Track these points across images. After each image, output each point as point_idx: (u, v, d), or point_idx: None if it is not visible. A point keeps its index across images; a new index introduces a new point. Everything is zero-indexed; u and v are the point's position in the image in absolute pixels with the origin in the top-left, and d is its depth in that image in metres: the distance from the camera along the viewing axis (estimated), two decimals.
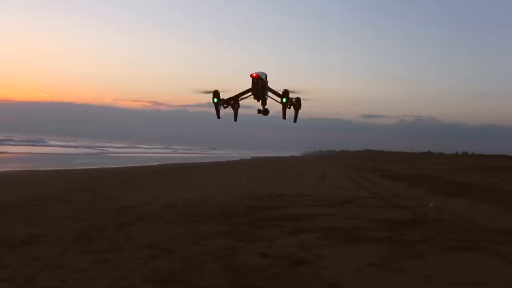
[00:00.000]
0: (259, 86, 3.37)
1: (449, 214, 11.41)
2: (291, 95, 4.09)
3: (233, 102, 3.78)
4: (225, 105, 3.74)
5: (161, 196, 13.74)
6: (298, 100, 4.06)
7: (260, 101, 3.82)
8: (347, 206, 12.63)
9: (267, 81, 3.45)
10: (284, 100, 3.30)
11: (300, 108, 4.23)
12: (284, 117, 3.46)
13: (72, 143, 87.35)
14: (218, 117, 3.35)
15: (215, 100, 3.26)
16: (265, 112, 3.41)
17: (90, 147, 77.57)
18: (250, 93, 3.57)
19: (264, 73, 3.47)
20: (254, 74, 3.32)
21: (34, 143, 76.93)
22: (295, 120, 4.06)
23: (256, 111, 5.20)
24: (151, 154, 66.12)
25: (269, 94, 3.45)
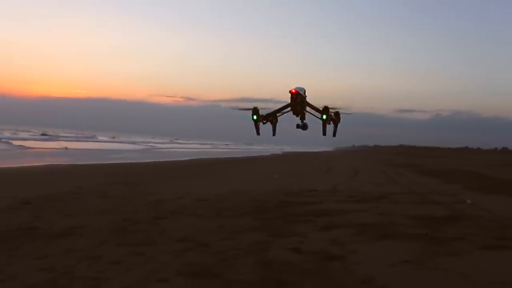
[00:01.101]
0: (298, 102, 3.39)
1: (486, 211, 11.09)
2: (330, 110, 4.08)
3: (272, 117, 3.80)
4: (264, 121, 3.76)
5: (194, 190, 13.92)
6: (337, 114, 4.01)
7: (299, 116, 3.83)
8: (381, 202, 12.45)
9: (306, 96, 3.45)
10: (324, 117, 3.30)
11: (339, 122, 4.18)
12: (324, 133, 3.45)
13: (117, 139, 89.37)
14: (258, 133, 3.38)
15: (255, 117, 3.31)
16: (304, 127, 3.41)
17: (135, 143, 79.31)
18: (289, 109, 3.58)
19: (303, 88, 3.47)
20: (293, 90, 3.35)
21: (86, 139, 79.11)
22: (334, 135, 4.01)
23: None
24: (189, 149, 67.17)
25: (308, 109, 3.45)
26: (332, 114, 3.64)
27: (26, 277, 5.04)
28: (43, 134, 75.85)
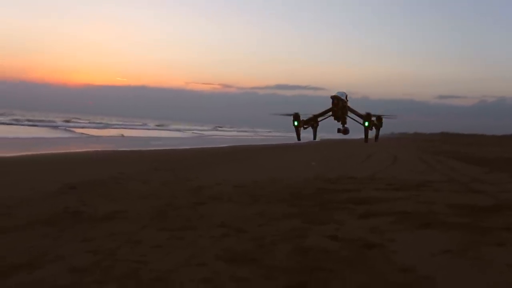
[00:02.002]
0: (339, 108, 3.37)
1: None
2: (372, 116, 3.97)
3: (313, 122, 3.79)
4: (305, 126, 3.75)
5: (231, 177, 14.06)
6: (379, 119, 3.91)
7: (340, 121, 3.78)
8: (421, 190, 12.19)
9: (347, 100, 3.40)
10: (367, 124, 3.25)
11: (381, 126, 4.08)
12: (366, 140, 3.41)
13: (166, 127, 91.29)
14: (299, 139, 3.40)
15: (296, 123, 3.34)
16: (345, 131, 3.39)
17: (182, 130, 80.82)
18: (330, 113, 3.55)
19: (344, 93, 3.43)
20: (334, 96, 3.34)
21: (138, 126, 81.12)
22: (376, 139, 3.93)
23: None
24: (231, 136, 67.95)
25: (349, 114, 3.40)
26: (374, 119, 3.55)
27: (72, 258, 5.26)
28: (99, 122, 78.12)
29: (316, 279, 4.79)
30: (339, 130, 3.33)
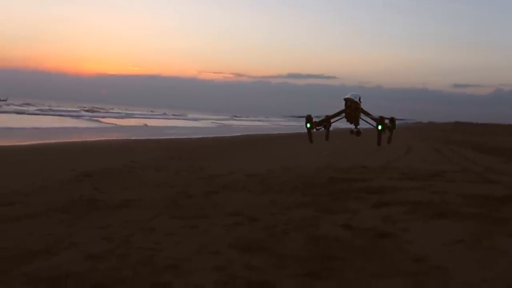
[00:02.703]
0: (352, 109, 3.32)
1: None
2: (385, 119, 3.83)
3: (326, 123, 3.73)
4: (317, 128, 3.72)
5: (244, 166, 14.10)
6: (392, 121, 3.81)
7: (353, 122, 3.70)
8: (435, 180, 12.10)
9: (361, 102, 3.33)
10: (380, 127, 3.18)
11: (394, 128, 3.96)
12: (379, 143, 3.32)
13: (185, 116, 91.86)
14: (311, 141, 3.34)
15: (308, 125, 3.29)
16: (357, 133, 3.32)
17: (198, 120, 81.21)
18: (342, 115, 3.49)
19: (358, 95, 3.37)
20: (347, 98, 3.28)
21: (159, 116, 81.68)
22: (388, 141, 3.82)
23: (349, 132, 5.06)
24: (246, 125, 68.05)
25: (362, 116, 3.32)
26: (387, 121, 3.46)
27: (88, 245, 5.35)
28: (119, 112, 78.70)
29: (328, 268, 4.81)
30: (351, 132, 3.27)
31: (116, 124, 45.72)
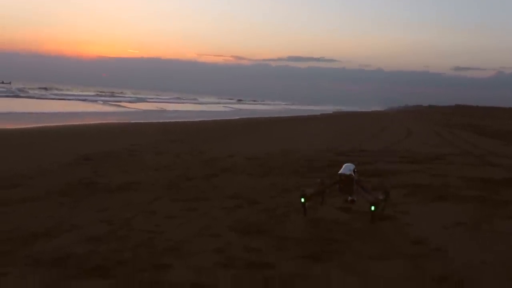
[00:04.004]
0: (345, 183, 3.22)
1: None
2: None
3: (320, 194, 3.60)
4: (310, 201, 3.58)
5: (244, 149, 14.10)
6: (386, 194, 3.43)
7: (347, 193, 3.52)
8: (435, 163, 12.12)
9: (355, 171, 3.18)
10: (373, 208, 3.04)
11: (387, 200, 3.62)
12: (372, 222, 3.13)
13: (198, 100, 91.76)
14: (305, 214, 3.26)
15: (303, 200, 3.22)
16: (351, 201, 3.20)
17: (210, 103, 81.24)
18: (336, 186, 3.34)
19: (352, 165, 3.24)
20: (340, 173, 3.18)
21: (172, 100, 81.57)
22: (372, 220, 3.39)
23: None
24: (252, 109, 68.03)
25: (356, 187, 3.17)
26: (381, 195, 3.24)
27: (89, 228, 5.37)
28: (132, 96, 78.44)
29: (328, 250, 4.83)
30: (346, 200, 3.15)
31: (137, 108, 45.66)
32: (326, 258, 4.59)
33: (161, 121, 28.53)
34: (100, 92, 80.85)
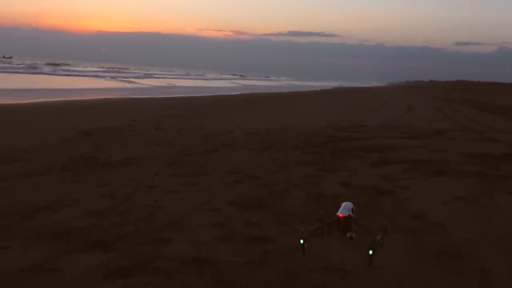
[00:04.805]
0: (343, 223, 3.15)
1: None
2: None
3: (320, 231, 3.52)
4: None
5: (244, 124, 14.07)
6: (385, 232, 3.29)
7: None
8: (435, 139, 12.12)
9: (354, 209, 3.10)
10: (371, 252, 2.97)
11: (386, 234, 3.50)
12: (370, 264, 3.05)
13: (206, 76, 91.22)
14: (304, 254, 3.22)
15: (301, 241, 3.20)
16: (350, 238, 3.12)
17: (205, 78, 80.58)
18: (335, 224, 3.25)
19: (350, 204, 3.16)
20: (341, 216, 3.09)
21: (180, 76, 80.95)
22: (369, 263, 3.27)
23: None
24: (260, 84, 67.75)
25: (354, 225, 3.10)
26: (380, 238, 3.18)
27: (90, 202, 5.39)
28: (138, 72, 77.79)
29: (328, 225, 4.86)
30: (346, 236, 3.10)
31: (149, 84, 45.32)
32: (326, 233, 4.61)
33: (162, 96, 28.39)
34: (111, 68, 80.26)
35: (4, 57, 79.68)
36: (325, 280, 3.17)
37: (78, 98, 22.39)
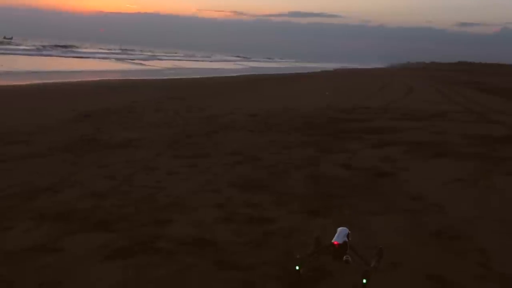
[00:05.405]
0: (340, 252, 3.10)
1: None
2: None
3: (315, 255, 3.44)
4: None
5: (244, 106, 14.05)
6: (380, 256, 3.20)
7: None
8: (435, 120, 12.11)
9: (349, 235, 3.05)
10: (364, 281, 2.90)
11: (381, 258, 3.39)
12: None
13: (213, 58, 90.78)
14: (299, 279, 3.17)
15: (297, 267, 3.16)
16: (346, 262, 3.05)
17: (212, 60, 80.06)
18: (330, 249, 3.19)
19: (346, 230, 3.10)
20: (336, 243, 3.03)
21: (189, 58, 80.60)
22: (366, 276, 3.16)
23: None
24: (263, 66, 67.35)
25: (349, 251, 3.03)
26: (374, 263, 3.14)
27: (91, 183, 5.43)
28: (143, 53, 77.15)
29: (328, 206, 4.91)
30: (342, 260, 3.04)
31: (156, 66, 44.97)
32: (326, 213, 4.66)
33: (163, 78, 28.26)
34: (120, 49, 79.63)
35: (5, 38, 78.90)
36: (324, 260, 3.21)
37: (79, 80, 22.31)
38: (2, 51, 44.55)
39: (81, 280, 3.17)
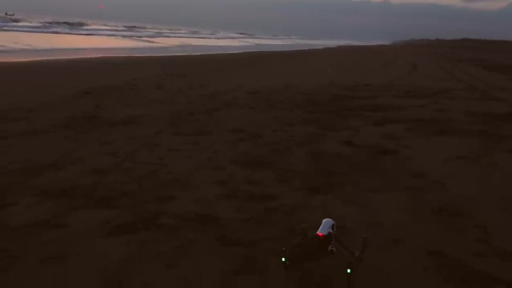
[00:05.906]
0: (325, 243, 3.00)
1: None
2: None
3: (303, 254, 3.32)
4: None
5: (246, 83, 13.96)
6: (364, 246, 3.08)
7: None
8: (439, 98, 12.03)
9: (334, 226, 2.94)
10: (348, 271, 2.78)
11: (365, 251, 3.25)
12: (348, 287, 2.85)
13: (218, 35, 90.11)
14: (287, 271, 3.08)
15: (283, 259, 3.05)
16: (331, 252, 2.94)
17: (217, 37, 79.37)
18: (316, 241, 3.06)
19: (330, 221, 2.99)
20: (320, 234, 2.92)
21: (194, 35, 79.50)
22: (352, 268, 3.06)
23: None
24: (265, 44, 66.77)
25: (334, 242, 2.94)
26: (358, 253, 3.03)
27: (93, 160, 5.44)
28: (149, 30, 76.37)
29: (329, 183, 4.91)
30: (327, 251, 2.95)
31: (164, 43, 44.47)
32: (327, 190, 4.67)
33: (166, 54, 28.05)
34: (128, 26, 78.78)
35: (6, 14, 77.91)
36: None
37: (82, 56, 22.16)
38: (10, 28, 44.22)
39: (84, 255, 3.20)
